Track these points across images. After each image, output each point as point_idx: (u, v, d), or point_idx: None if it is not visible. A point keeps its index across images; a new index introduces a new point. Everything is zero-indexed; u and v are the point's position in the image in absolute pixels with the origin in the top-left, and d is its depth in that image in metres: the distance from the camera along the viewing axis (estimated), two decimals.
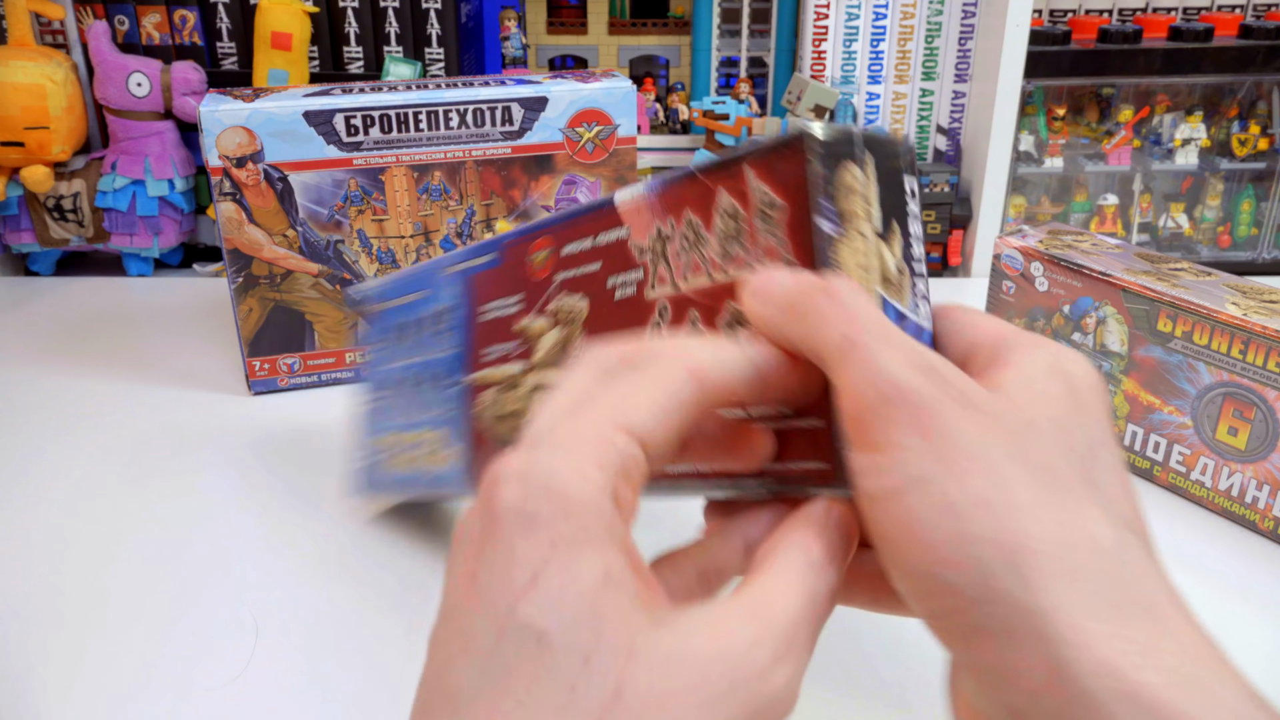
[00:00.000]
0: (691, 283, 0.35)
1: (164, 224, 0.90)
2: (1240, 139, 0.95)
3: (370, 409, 0.57)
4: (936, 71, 0.95)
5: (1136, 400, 0.62)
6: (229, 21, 0.89)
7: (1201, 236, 0.99)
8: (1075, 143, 0.97)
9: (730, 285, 0.33)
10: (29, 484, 0.63)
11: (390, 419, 0.54)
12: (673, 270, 0.36)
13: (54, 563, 0.54)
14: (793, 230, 0.31)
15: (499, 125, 0.68)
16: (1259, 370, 0.56)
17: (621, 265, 0.38)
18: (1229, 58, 0.92)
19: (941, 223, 0.95)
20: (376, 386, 0.56)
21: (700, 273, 0.35)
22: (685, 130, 0.98)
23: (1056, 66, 0.91)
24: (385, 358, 0.55)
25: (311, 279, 0.70)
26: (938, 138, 0.98)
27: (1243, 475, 0.58)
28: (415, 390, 0.52)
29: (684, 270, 0.35)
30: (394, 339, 0.54)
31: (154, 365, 0.78)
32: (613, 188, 0.72)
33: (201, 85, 0.88)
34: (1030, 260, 0.65)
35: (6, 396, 0.73)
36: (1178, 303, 0.58)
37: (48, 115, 0.85)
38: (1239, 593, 0.53)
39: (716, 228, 0.34)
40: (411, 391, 0.52)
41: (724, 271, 0.34)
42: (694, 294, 0.35)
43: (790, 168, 0.31)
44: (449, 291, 0.49)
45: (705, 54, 0.98)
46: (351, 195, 0.68)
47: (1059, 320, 0.65)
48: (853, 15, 0.93)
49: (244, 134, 0.65)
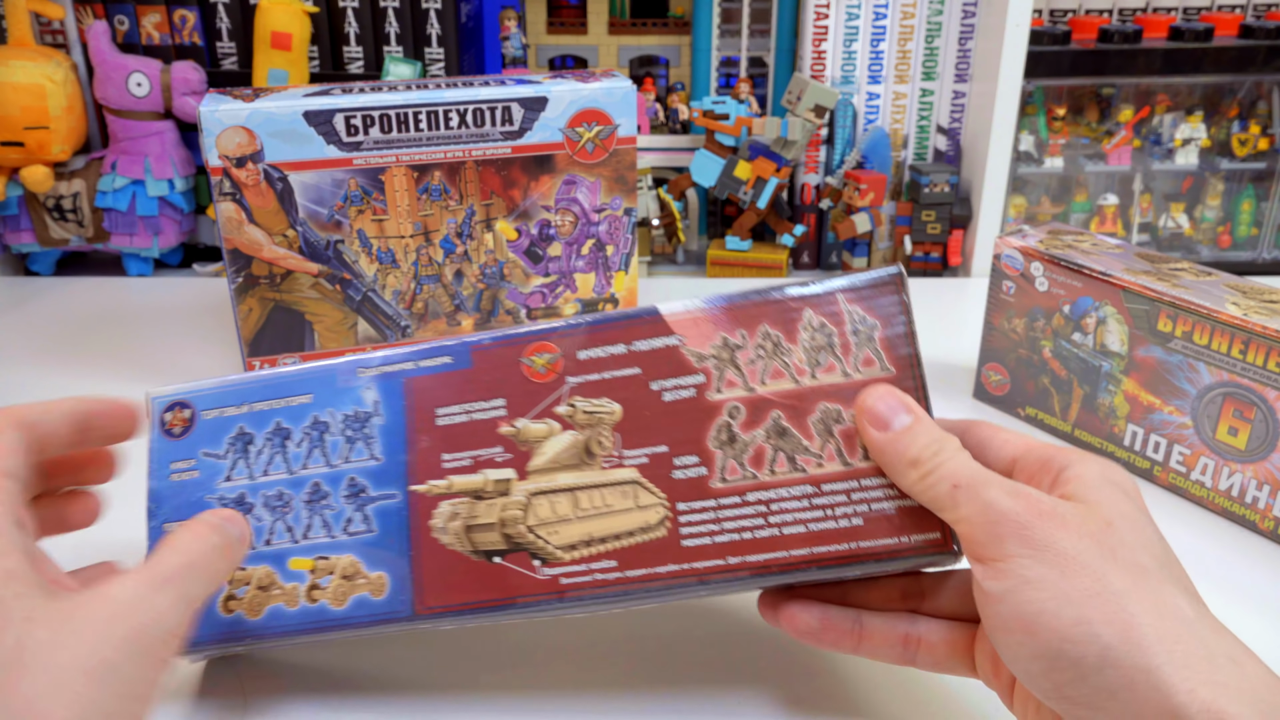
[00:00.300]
0: (771, 386, 0.43)
1: (164, 224, 0.90)
2: (1240, 139, 0.95)
3: None
4: (936, 71, 0.95)
5: (1136, 400, 0.62)
6: (229, 21, 0.89)
7: (1201, 236, 0.99)
8: (1075, 143, 0.97)
9: (822, 389, 0.42)
10: None
11: None
12: (745, 375, 0.43)
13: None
14: (886, 344, 0.42)
15: (499, 125, 0.68)
16: (1259, 370, 0.56)
17: (672, 370, 0.43)
18: (1229, 58, 0.92)
19: (941, 223, 0.95)
20: (190, 512, 0.43)
21: (784, 378, 0.42)
22: (685, 130, 0.98)
23: (1056, 66, 0.91)
24: (212, 475, 0.45)
25: (311, 279, 0.70)
26: (938, 138, 0.98)
27: (1243, 475, 0.58)
28: (281, 513, 0.45)
29: (761, 375, 0.43)
30: (236, 453, 0.46)
31: (154, 365, 0.78)
32: (613, 188, 0.72)
33: (201, 85, 0.88)
34: (1030, 260, 0.65)
35: (6, 396, 0.73)
36: (1178, 303, 0.58)
37: (48, 115, 0.85)
38: (1239, 593, 0.53)
39: (802, 341, 0.43)
40: (276, 514, 0.45)
41: (812, 376, 0.42)
42: (776, 395, 0.42)
43: (884, 297, 0.43)
44: (364, 395, 0.45)
45: (705, 54, 0.98)
46: (351, 195, 0.68)
47: (1059, 320, 0.65)
48: (853, 15, 0.93)
49: (244, 134, 0.65)
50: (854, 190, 0.93)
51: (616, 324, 0.44)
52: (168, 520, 0.45)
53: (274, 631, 0.44)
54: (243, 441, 0.45)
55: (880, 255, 1.00)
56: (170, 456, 0.46)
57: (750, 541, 0.42)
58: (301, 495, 0.45)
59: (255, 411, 0.46)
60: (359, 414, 0.45)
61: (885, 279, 0.43)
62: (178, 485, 0.45)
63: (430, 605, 0.43)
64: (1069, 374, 0.65)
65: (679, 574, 0.42)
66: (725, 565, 0.42)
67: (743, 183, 0.93)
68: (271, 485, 0.45)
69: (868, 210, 0.93)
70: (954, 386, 0.74)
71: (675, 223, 0.96)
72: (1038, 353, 0.67)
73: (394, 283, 0.71)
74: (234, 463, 0.45)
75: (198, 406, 0.46)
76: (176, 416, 0.46)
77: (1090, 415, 0.65)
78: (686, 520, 0.42)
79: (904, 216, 0.98)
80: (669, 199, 0.96)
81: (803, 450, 0.42)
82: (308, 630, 0.43)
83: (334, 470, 0.45)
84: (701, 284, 0.94)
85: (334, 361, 0.46)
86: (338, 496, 0.44)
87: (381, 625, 0.43)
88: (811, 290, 0.43)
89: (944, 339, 0.80)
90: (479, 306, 0.74)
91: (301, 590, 0.44)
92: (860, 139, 0.96)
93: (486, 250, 0.72)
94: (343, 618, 0.43)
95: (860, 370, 0.42)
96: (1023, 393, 0.69)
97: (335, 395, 0.45)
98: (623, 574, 0.42)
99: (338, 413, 0.45)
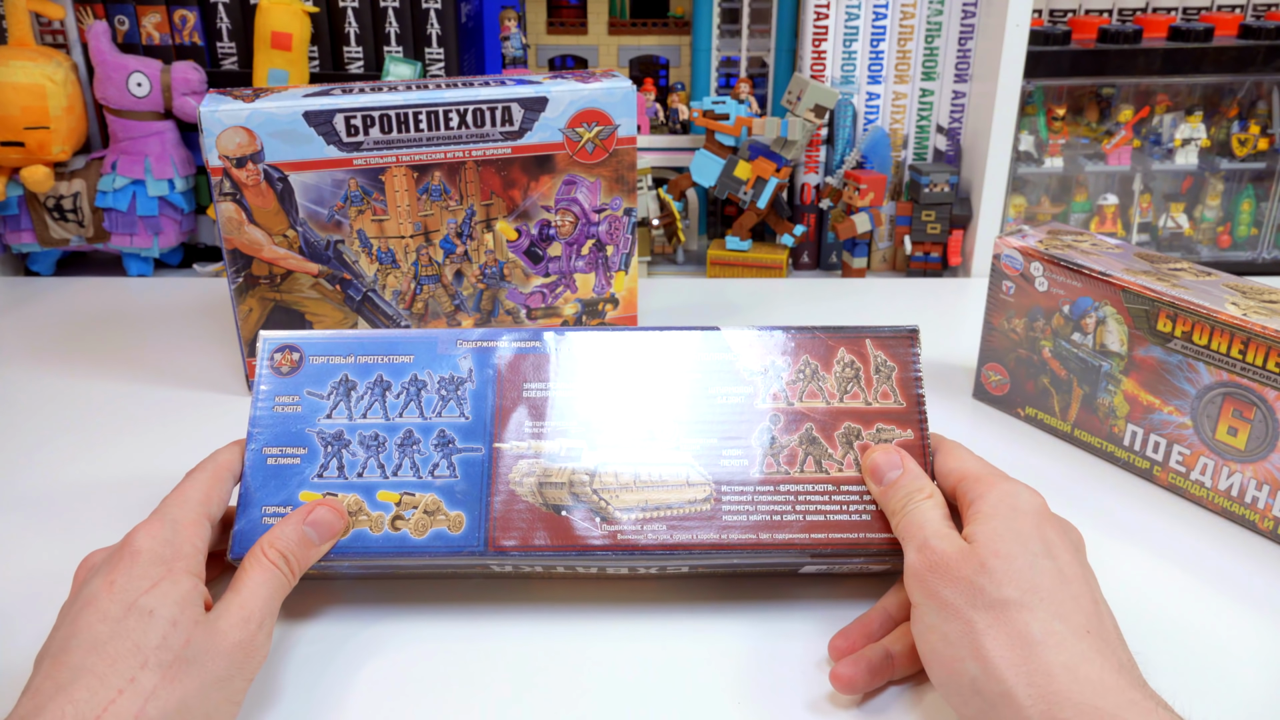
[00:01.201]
0: (807, 403, 0.53)
1: (164, 224, 0.90)
2: (1240, 139, 0.95)
3: (275, 464, 0.51)
4: (936, 71, 0.95)
5: (1136, 400, 0.62)
6: (229, 21, 0.89)
7: (1201, 236, 0.99)
8: (1075, 143, 0.97)
9: (848, 410, 0.52)
10: (29, 484, 0.63)
11: (318, 477, 0.51)
12: (787, 392, 0.53)
13: (54, 563, 0.54)
14: (901, 384, 0.53)
15: (499, 125, 0.68)
16: (1259, 370, 0.56)
17: (727, 379, 0.53)
18: (1229, 58, 0.92)
19: (941, 223, 0.95)
20: (288, 441, 0.52)
21: (817, 399, 0.53)
22: (685, 130, 0.98)
23: (1056, 66, 0.91)
24: (314, 412, 0.52)
25: (311, 279, 0.70)
26: (938, 138, 0.98)
27: (1242, 475, 0.58)
28: (375, 451, 0.51)
29: (799, 394, 0.53)
30: (339, 395, 0.52)
31: (154, 365, 0.78)
32: (613, 188, 0.72)
33: (201, 85, 0.88)
34: (1030, 260, 0.65)
35: (6, 396, 0.73)
36: (1177, 303, 0.58)
37: (48, 115, 0.85)
38: (1239, 593, 0.53)
39: (835, 372, 0.53)
40: (370, 452, 0.51)
41: (839, 400, 0.53)
42: (810, 411, 0.52)
43: (902, 347, 0.54)
44: (461, 363, 0.53)
45: (705, 54, 0.98)
46: (351, 195, 0.68)
47: (1059, 320, 0.65)
48: (853, 15, 0.93)
49: (244, 134, 0.65)
50: (854, 190, 0.93)
51: (686, 337, 0.54)
52: (266, 445, 0.51)
53: (357, 552, 0.49)
54: (346, 387, 0.53)
55: (880, 255, 1.00)
56: (276, 391, 0.53)
57: (779, 523, 0.50)
58: (395, 439, 0.52)
59: (360, 363, 0.53)
60: (454, 378, 0.53)
61: (905, 333, 0.54)
62: (280, 416, 0.52)
63: (502, 545, 0.49)
64: (1069, 374, 0.65)
65: (717, 544, 0.49)
66: (756, 540, 0.50)
67: (743, 183, 0.93)
68: (369, 427, 0.52)
69: (868, 210, 0.93)
70: (954, 386, 0.74)
71: (675, 223, 0.96)
72: (1037, 353, 0.67)
73: (394, 283, 0.71)
74: (336, 403, 0.52)
75: (306, 351, 0.54)
76: (286, 357, 0.53)
77: (1090, 415, 0.65)
78: (728, 500, 0.50)
79: (904, 216, 0.98)
80: (669, 199, 0.96)
81: (828, 456, 0.51)
82: (388, 554, 0.49)
83: (427, 422, 0.52)
84: (701, 284, 0.94)
85: (437, 331, 0.54)
86: (428, 444, 0.51)
87: (457, 557, 0.49)
88: (846, 333, 0.54)
89: (944, 339, 0.80)
90: (479, 306, 0.74)
91: (386, 519, 0.50)
92: (860, 139, 0.96)
93: (486, 250, 0.72)
94: (421, 547, 0.49)
95: (879, 401, 0.53)
96: (1022, 393, 0.69)
97: (434, 360, 0.53)
98: (670, 537, 0.49)
99: (435, 374, 0.53)
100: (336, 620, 0.52)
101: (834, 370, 0.53)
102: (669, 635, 0.50)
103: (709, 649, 0.49)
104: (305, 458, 0.51)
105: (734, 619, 0.51)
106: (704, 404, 0.52)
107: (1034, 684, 0.39)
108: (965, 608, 0.42)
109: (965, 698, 0.41)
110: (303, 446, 0.51)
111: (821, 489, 0.51)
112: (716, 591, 0.53)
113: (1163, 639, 0.49)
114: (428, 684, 0.48)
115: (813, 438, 0.52)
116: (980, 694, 0.40)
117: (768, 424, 0.52)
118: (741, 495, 0.50)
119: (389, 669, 0.48)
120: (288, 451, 0.51)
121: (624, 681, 0.48)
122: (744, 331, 0.54)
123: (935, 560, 0.44)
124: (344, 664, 0.49)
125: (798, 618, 0.51)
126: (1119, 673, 0.39)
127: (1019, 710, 0.39)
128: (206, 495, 0.49)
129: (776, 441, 0.52)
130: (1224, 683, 0.47)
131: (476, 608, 0.52)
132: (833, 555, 0.50)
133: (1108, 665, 0.39)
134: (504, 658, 0.49)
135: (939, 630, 0.42)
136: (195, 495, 0.48)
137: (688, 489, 0.50)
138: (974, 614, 0.41)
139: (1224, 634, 0.51)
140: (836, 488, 0.51)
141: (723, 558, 0.49)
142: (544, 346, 0.54)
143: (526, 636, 0.50)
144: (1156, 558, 0.56)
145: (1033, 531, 0.44)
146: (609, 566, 0.50)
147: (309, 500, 0.50)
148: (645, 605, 0.52)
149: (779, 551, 0.49)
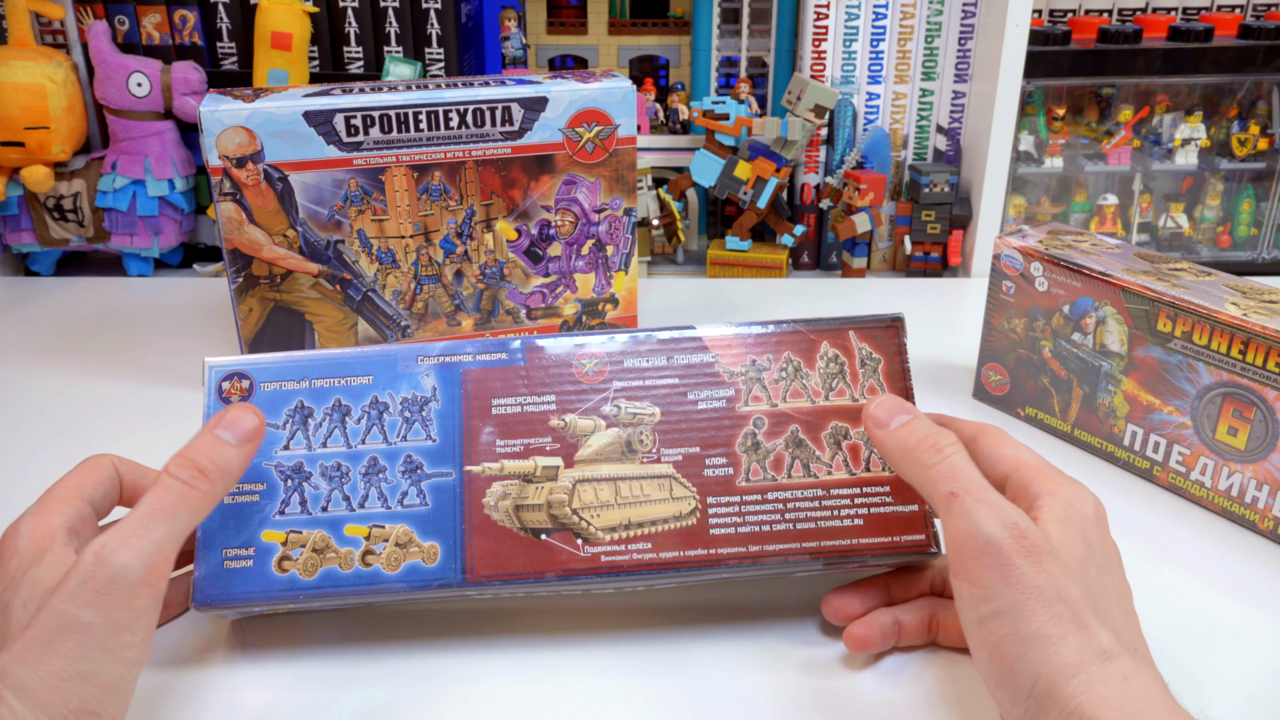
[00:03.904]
0: (791, 403, 0.50)
1: (164, 224, 0.90)
2: (1240, 139, 0.95)
3: (233, 503, 0.48)
4: (936, 71, 0.95)
5: (1136, 400, 0.62)
6: (229, 21, 0.89)
7: (1201, 236, 0.99)
8: (1075, 143, 0.97)
9: (834, 409, 0.50)
10: (29, 484, 0.63)
11: (279, 514, 0.48)
12: (770, 393, 0.50)
13: None
14: (888, 376, 0.51)
15: (499, 125, 0.68)
16: (1259, 370, 0.56)
17: (706, 383, 0.50)
18: (1229, 58, 0.92)
19: (941, 223, 0.95)
20: (245, 477, 0.48)
21: (802, 397, 0.50)
22: (685, 130, 0.98)
23: (1056, 66, 0.91)
24: (270, 444, 0.48)
25: (311, 279, 0.70)
26: (938, 138, 0.98)
27: (1242, 475, 0.58)
28: (338, 483, 0.48)
29: (783, 394, 0.50)
30: (295, 424, 0.49)
31: (154, 365, 0.78)
32: (613, 188, 0.72)
33: (201, 85, 0.88)
34: (1030, 260, 0.65)
35: (6, 396, 0.73)
36: (1177, 303, 0.58)
37: (48, 115, 0.85)
38: (1239, 593, 0.53)
39: (819, 368, 0.50)
40: (333, 484, 0.48)
41: (825, 398, 0.50)
42: (794, 412, 0.50)
43: (887, 337, 0.51)
44: (423, 381, 0.49)
45: (705, 54, 0.98)
46: (351, 195, 0.68)
47: (1059, 320, 0.65)
48: (853, 15, 0.93)
49: (244, 134, 0.65)
50: (854, 190, 0.93)
51: (661, 341, 0.51)
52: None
53: (327, 592, 0.46)
54: (302, 414, 0.49)
55: (880, 255, 1.00)
56: None
57: (768, 533, 0.48)
58: (359, 468, 0.48)
59: (315, 388, 0.49)
60: (417, 398, 0.49)
61: (889, 321, 0.52)
62: None
63: (480, 574, 0.47)
64: (1069, 374, 0.65)
65: (705, 559, 0.48)
66: (746, 553, 0.48)
67: (743, 183, 0.93)
68: (330, 456, 0.48)
69: (868, 210, 0.93)
70: (954, 386, 0.74)
71: (675, 223, 0.96)
72: (1037, 353, 0.67)
73: (394, 283, 0.71)
74: (293, 433, 0.49)
75: (256, 378, 0.50)
76: (235, 385, 0.49)
77: (1090, 415, 0.65)
78: (714, 512, 0.48)
79: (904, 216, 0.98)
80: (669, 199, 0.96)
81: (815, 459, 0.49)
82: (360, 592, 0.46)
83: (391, 447, 0.49)
84: (701, 284, 0.94)
85: (396, 347, 0.50)
86: (394, 471, 0.48)
87: (433, 590, 0.46)
88: (828, 325, 0.51)
89: (944, 339, 0.80)
90: (479, 306, 0.74)
91: (356, 555, 0.47)
92: (860, 139, 0.96)
93: (486, 250, 0.72)
94: (396, 582, 0.47)
95: (866, 396, 0.50)
96: (1022, 393, 0.69)
97: (395, 379, 0.50)
98: (656, 555, 0.47)
99: (397, 395, 0.49)
100: (307, 658, 0.48)
101: (818, 366, 0.51)
102: (658, 664, 0.48)
103: (695, 678, 0.48)
104: (264, 494, 0.48)
105: (724, 637, 0.50)
106: (684, 410, 0.50)
107: (1090, 689, 0.37)
108: (1041, 605, 0.39)
109: (1018, 698, 0.39)
110: (261, 482, 0.48)
111: (810, 494, 0.49)
112: (705, 609, 0.51)
113: (1163, 639, 0.49)
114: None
115: (799, 440, 0.50)
116: (1035, 699, 0.38)
117: (751, 428, 0.50)
118: (728, 507, 0.48)
119: (366, 708, 0.46)
120: (244, 489, 0.48)
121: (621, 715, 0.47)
122: (722, 329, 0.51)
123: (1028, 545, 0.39)
124: (315, 704, 0.46)
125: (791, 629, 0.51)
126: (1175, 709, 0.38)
127: (1066, 709, 0.37)
128: (79, 480, 0.47)
129: (761, 447, 0.49)
130: (1224, 683, 0.47)
131: (455, 640, 0.49)
132: (826, 563, 0.48)
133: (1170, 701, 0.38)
134: (488, 691, 0.47)
135: (1013, 626, 0.39)
136: (67, 480, 0.47)
137: (671, 503, 0.48)
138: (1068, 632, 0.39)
139: (1224, 634, 0.51)
140: (826, 492, 0.49)
141: (711, 573, 0.48)
142: (511, 358, 0.50)
143: (512, 671, 0.48)
144: (1156, 558, 0.56)
145: (1098, 546, 0.43)
146: (593, 589, 0.48)
147: (272, 539, 0.47)
148: (632, 630, 0.50)
149: (769, 563, 0.48)
